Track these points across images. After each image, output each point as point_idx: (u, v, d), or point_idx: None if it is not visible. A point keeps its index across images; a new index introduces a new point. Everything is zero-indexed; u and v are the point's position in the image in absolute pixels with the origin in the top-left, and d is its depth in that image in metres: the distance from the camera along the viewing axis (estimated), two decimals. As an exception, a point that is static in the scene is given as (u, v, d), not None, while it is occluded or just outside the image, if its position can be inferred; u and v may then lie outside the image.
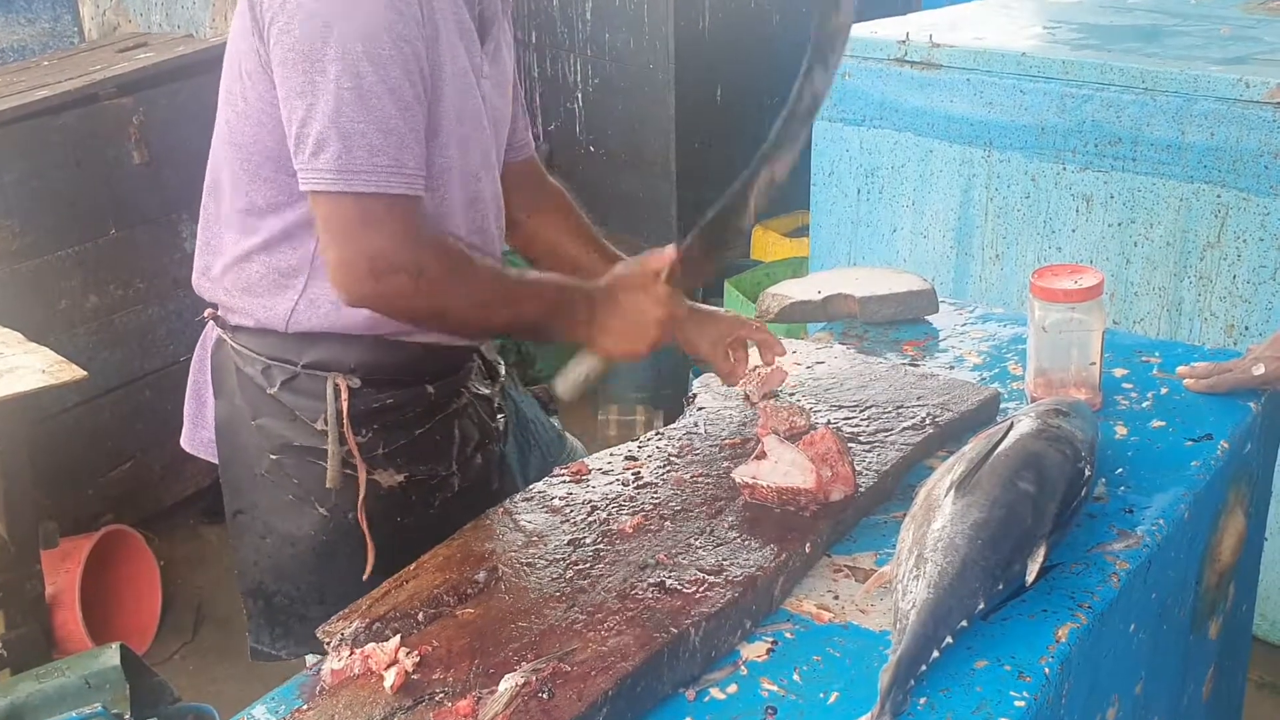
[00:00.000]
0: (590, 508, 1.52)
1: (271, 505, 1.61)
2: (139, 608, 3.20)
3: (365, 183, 1.36)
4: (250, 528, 1.64)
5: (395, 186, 1.38)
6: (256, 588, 1.65)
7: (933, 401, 1.72)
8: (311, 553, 1.61)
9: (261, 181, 1.52)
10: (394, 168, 1.37)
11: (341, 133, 1.35)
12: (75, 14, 4.19)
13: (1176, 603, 1.59)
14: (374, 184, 1.36)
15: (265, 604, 1.64)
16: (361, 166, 1.36)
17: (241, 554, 1.66)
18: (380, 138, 1.36)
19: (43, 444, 2.89)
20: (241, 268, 1.57)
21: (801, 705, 1.20)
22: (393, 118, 1.36)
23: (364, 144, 1.35)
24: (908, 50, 3.11)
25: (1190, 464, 1.62)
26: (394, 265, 1.39)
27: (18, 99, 3.17)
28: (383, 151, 1.36)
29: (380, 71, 1.35)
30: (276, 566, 1.63)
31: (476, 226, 1.61)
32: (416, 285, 1.41)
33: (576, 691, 1.15)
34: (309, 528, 1.60)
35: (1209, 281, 2.72)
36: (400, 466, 1.60)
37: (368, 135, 1.35)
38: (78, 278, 3.23)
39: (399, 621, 1.29)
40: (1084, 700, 1.32)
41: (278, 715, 1.21)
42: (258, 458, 1.60)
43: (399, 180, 1.38)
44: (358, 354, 1.57)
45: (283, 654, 1.64)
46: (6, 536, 2.60)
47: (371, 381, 1.58)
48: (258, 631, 1.66)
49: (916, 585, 1.25)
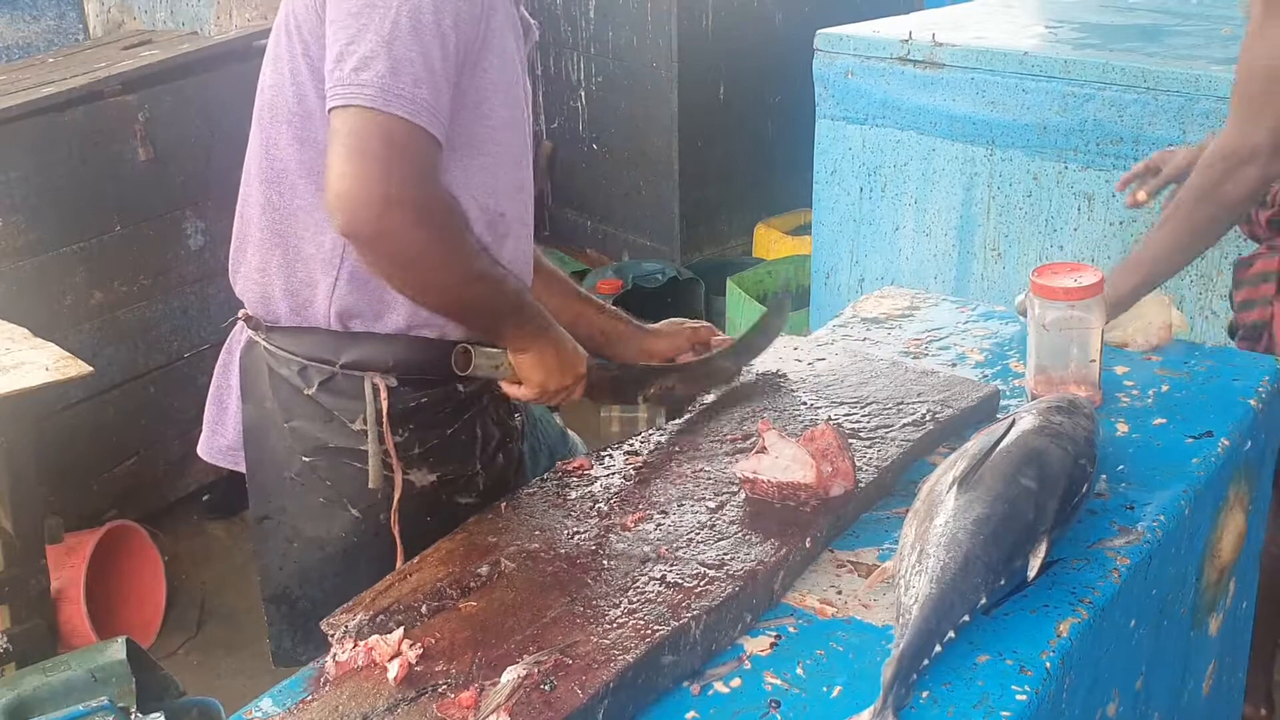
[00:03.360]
0: (592, 502, 1.52)
1: (301, 509, 1.60)
2: (144, 602, 3.21)
3: (403, 107, 1.35)
4: (277, 533, 1.63)
5: (427, 121, 1.37)
6: (280, 593, 1.64)
7: (933, 398, 1.73)
8: (340, 555, 1.60)
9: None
10: (431, 106, 1.37)
11: (392, 55, 1.35)
12: (80, 11, 4.19)
13: (1177, 599, 1.60)
14: (410, 112, 1.35)
15: (289, 609, 1.64)
16: (404, 92, 1.35)
17: (266, 560, 1.64)
18: (426, 73, 1.36)
19: (48, 439, 2.89)
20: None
21: (804, 699, 1.20)
22: (437, 60, 1.37)
23: (410, 71, 1.35)
24: (910, 49, 3.12)
25: (1191, 461, 1.62)
26: (402, 198, 1.35)
27: (23, 96, 3.17)
28: (426, 85, 1.36)
29: (438, 15, 1.37)
30: (303, 571, 1.62)
31: (523, 214, 1.63)
32: (415, 227, 1.38)
33: (578, 683, 1.16)
34: (339, 530, 1.59)
35: (1209, 280, 2.72)
36: (433, 466, 1.60)
37: (415, 65, 1.35)
38: (83, 274, 3.24)
39: (402, 614, 1.30)
40: (1085, 695, 1.33)
41: (284, 708, 1.22)
42: (288, 461, 1.59)
43: (431, 118, 1.37)
44: (395, 353, 1.57)
45: (303, 658, 1.63)
46: (12, 531, 2.60)
47: (407, 381, 1.57)
48: (279, 637, 1.65)
49: (919, 580, 1.26)
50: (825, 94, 3.36)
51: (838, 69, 3.30)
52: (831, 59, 3.31)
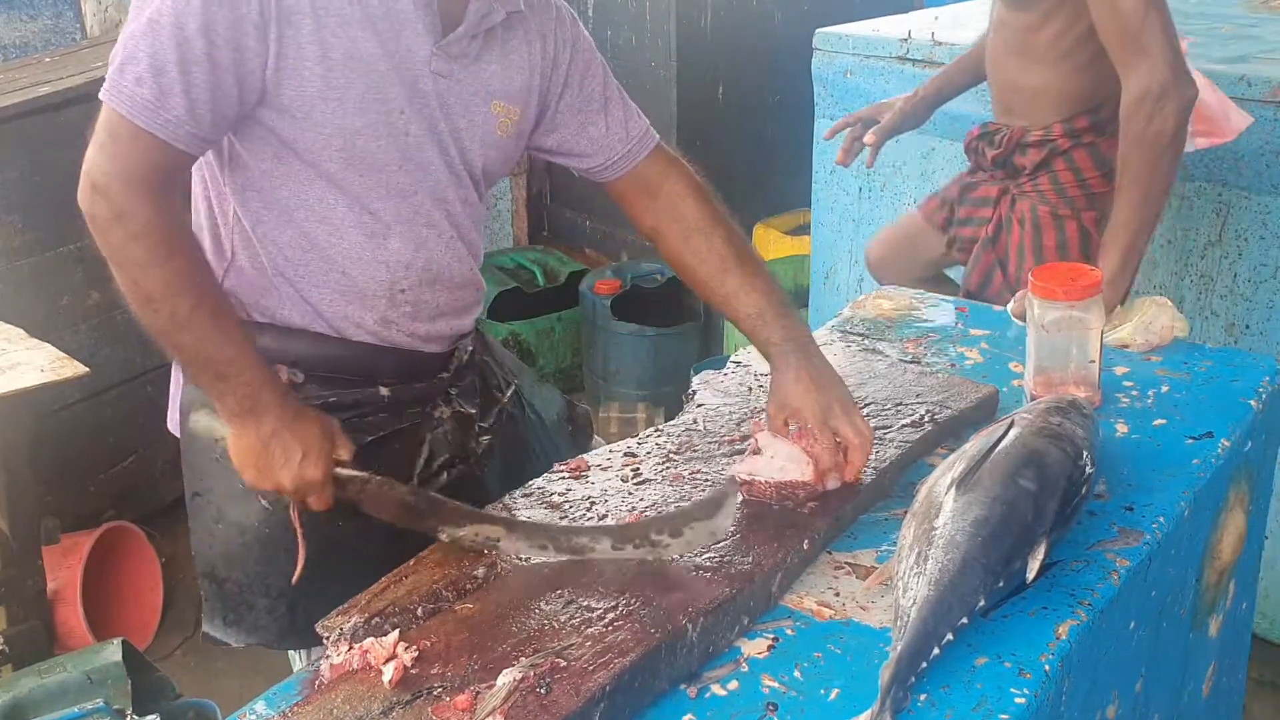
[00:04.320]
0: (589, 503, 1.52)
1: (225, 491, 1.59)
2: (140, 604, 3.20)
3: (120, 103, 1.39)
4: (205, 511, 1.62)
5: (145, 121, 1.39)
6: (210, 571, 1.63)
7: (932, 399, 1.72)
8: (257, 543, 1.59)
9: None
10: (152, 105, 1.39)
11: (125, 53, 1.40)
12: (77, 10, 4.19)
13: (1176, 600, 1.59)
14: (125, 108, 1.39)
15: (218, 589, 1.63)
16: (125, 88, 1.39)
17: (197, 536, 1.64)
18: (149, 73, 1.39)
19: (45, 440, 2.88)
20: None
21: (802, 702, 1.20)
22: (169, 62, 1.39)
23: (134, 70, 1.39)
24: (910, 49, 3.11)
25: (1191, 462, 1.62)
26: (106, 190, 1.41)
27: (19, 95, 3.16)
28: (146, 84, 1.39)
29: (177, 17, 1.38)
30: (227, 553, 1.61)
31: (412, 219, 1.56)
32: (110, 223, 1.42)
33: (574, 686, 1.15)
34: (254, 518, 1.59)
35: (1210, 280, 2.72)
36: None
37: (139, 64, 1.39)
38: (80, 274, 3.23)
39: (398, 616, 1.29)
40: (1084, 697, 1.32)
41: (279, 710, 1.21)
42: (212, 442, 1.58)
43: (151, 118, 1.39)
44: (297, 347, 1.56)
45: (232, 642, 1.62)
46: (8, 532, 2.60)
47: (315, 378, 1.57)
48: (210, 615, 1.64)
49: (917, 582, 1.26)
50: (824, 93, 3.35)
51: (837, 68, 3.29)
52: (831, 58, 3.30)
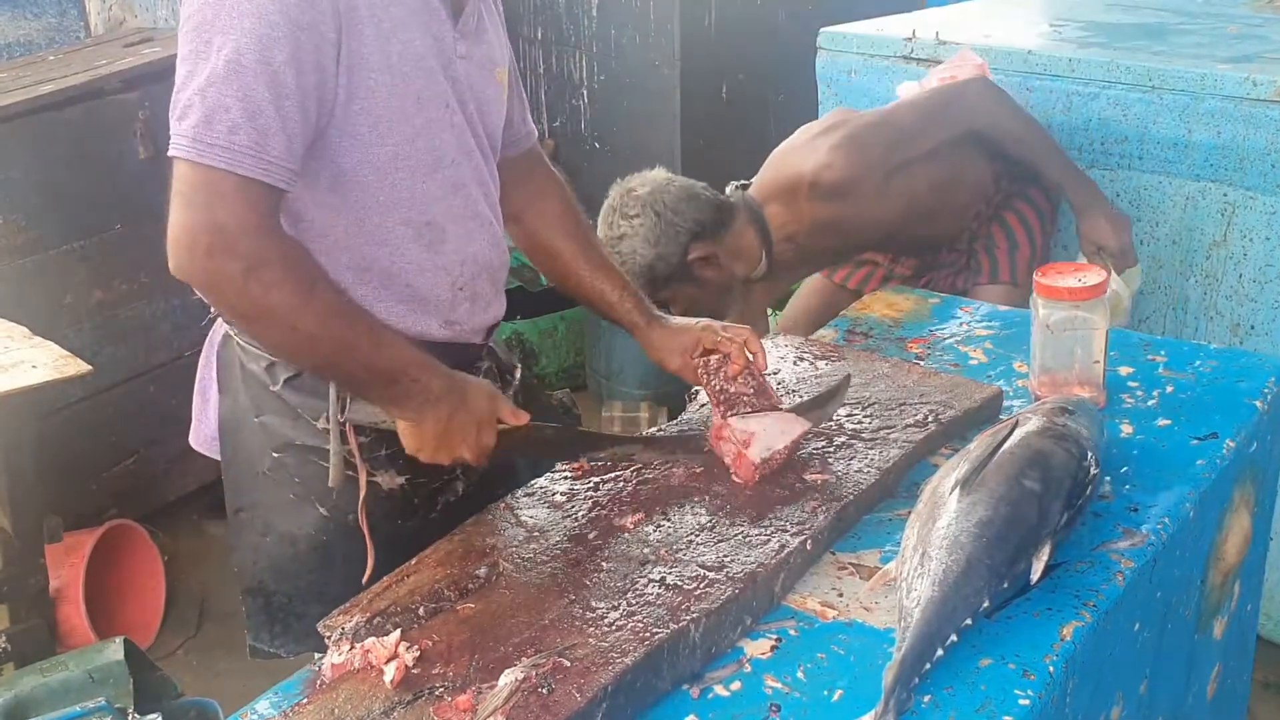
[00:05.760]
0: (591, 504, 1.51)
1: (272, 504, 1.60)
2: (143, 602, 3.20)
3: (217, 157, 1.32)
4: (251, 526, 1.63)
5: (248, 169, 1.33)
6: (256, 586, 1.64)
7: (936, 399, 1.72)
8: (311, 552, 1.60)
9: None
10: (254, 150, 1.33)
11: (206, 103, 1.33)
12: (81, 9, 4.19)
13: (1181, 602, 1.59)
14: (225, 160, 1.32)
15: (265, 602, 1.64)
16: (218, 140, 1.32)
17: (241, 552, 1.65)
18: (244, 118, 1.32)
19: (47, 438, 2.88)
20: None
21: (805, 703, 1.19)
22: (263, 101, 1.33)
23: (226, 119, 1.32)
24: (914, 48, 3.10)
25: (1196, 463, 1.61)
26: (228, 248, 1.33)
27: (23, 94, 3.16)
28: (243, 130, 1.32)
29: (262, 52, 1.32)
30: (276, 565, 1.62)
31: (464, 213, 1.57)
32: (245, 278, 1.34)
33: (576, 687, 1.15)
34: (309, 527, 1.59)
35: (1215, 280, 2.71)
36: (402, 469, 1.58)
37: (231, 111, 1.32)
38: (83, 273, 3.23)
39: (399, 616, 1.29)
40: (1088, 699, 1.32)
41: (280, 710, 1.21)
42: (260, 455, 1.60)
43: (255, 164, 1.33)
44: None
45: (281, 652, 1.64)
46: (11, 531, 2.60)
47: None
48: (256, 630, 1.65)
49: (921, 583, 1.25)
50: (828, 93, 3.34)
51: (841, 68, 3.28)
52: (834, 58, 3.29)
